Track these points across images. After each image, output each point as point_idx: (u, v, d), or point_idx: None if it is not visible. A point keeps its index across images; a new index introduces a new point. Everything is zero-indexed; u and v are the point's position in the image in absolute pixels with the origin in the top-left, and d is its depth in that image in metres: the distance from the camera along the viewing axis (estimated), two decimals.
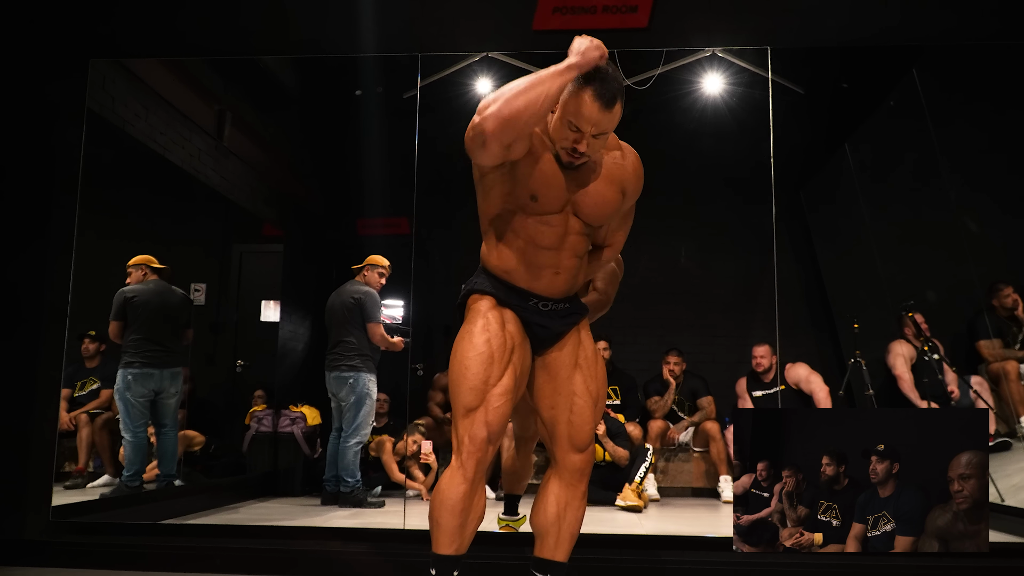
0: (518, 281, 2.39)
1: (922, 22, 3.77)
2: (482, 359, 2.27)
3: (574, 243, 2.37)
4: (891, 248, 6.02)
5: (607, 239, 2.56)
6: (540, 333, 2.41)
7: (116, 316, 4.83)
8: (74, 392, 5.22)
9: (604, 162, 2.37)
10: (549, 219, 2.31)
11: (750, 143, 5.81)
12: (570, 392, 2.39)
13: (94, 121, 4.02)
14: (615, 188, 2.37)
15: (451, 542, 2.30)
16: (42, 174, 3.89)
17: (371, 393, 5.32)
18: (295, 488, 5.92)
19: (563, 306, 2.44)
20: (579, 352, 2.44)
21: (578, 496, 2.39)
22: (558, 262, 2.36)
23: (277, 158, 6.56)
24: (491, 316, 2.35)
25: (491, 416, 2.25)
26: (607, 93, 2.15)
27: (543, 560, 2.40)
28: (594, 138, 2.21)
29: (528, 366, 2.41)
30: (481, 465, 2.27)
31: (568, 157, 2.25)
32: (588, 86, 2.14)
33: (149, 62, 4.72)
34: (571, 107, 2.17)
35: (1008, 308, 5.24)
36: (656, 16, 3.80)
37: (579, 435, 2.38)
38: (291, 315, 6.44)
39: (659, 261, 6.92)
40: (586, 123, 2.17)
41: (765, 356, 6.01)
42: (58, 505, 3.77)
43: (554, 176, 2.29)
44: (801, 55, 5.02)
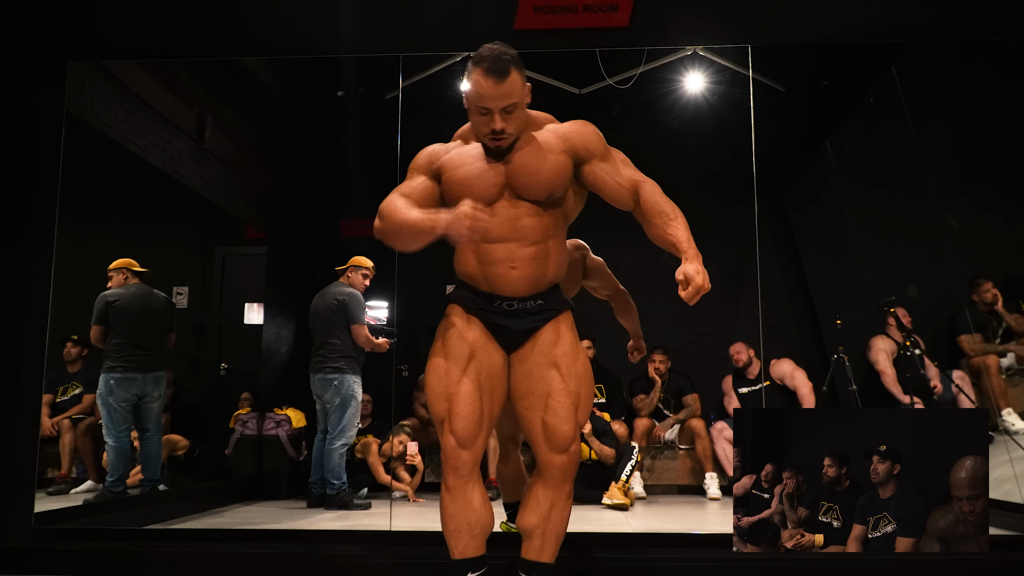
0: (479, 284, 2.40)
1: (901, 19, 3.79)
2: (440, 372, 2.36)
3: (527, 229, 2.34)
4: (872, 244, 6.07)
5: (621, 186, 2.44)
6: (504, 334, 2.40)
7: (98, 320, 4.79)
8: (56, 397, 5.18)
9: (537, 137, 2.39)
10: (491, 209, 2.32)
11: (731, 141, 5.86)
12: (544, 392, 2.34)
13: (73, 124, 3.98)
14: (552, 155, 2.36)
15: (455, 546, 2.37)
16: (21, 177, 3.84)
17: (356, 395, 5.30)
18: (280, 491, 5.90)
19: (533, 303, 2.39)
20: (556, 349, 2.38)
21: (563, 497, 2.36)
22: (512, 255, 2.33)
23: (259, 160, 6.53)
24: (453, 330, 2.40)
25: (456, 425, 2.31)
26: (495, 66, 2.22)
27: (529, 562, 2.38)
28: (506, 113, 2.26)
29: (497, 368, 2.39)
30: (458, 472, 2.33)
31: (493, 142, 2.31)
32: (477, 68, 2.25)
33: (129, 64, 4.68)
34: (472, 94, 2.28)
35: (988, 303, 5.28)
36: (637, 15, 3.80)
37: (556, 435, 2.33)
38: (275, 317, 6.41)
39: (642, 259, 6.92)
40: (488, 100, 2.25)
41: (741, 351, 6.06)
42: (41, 511, 3.73)
43: (481, 168, 2.34)
44: (782, 53, 5.05)
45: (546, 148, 2.36)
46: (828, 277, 6.77)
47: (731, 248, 6.53)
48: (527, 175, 2.33)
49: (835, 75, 5.96)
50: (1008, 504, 3.96)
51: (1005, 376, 5.09)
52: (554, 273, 2.42)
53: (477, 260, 2.37)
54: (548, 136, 2.40)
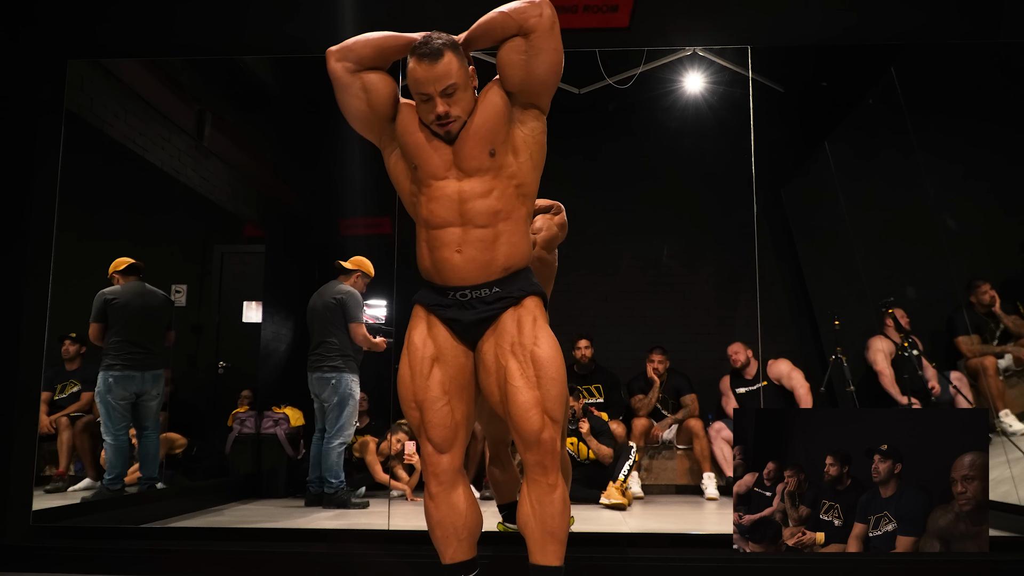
0: (433, 277, 2.37)
1: (900, 20, 3.80)
2: (406, 381, 2.35)
3: (474, 212, 2.28)
4: (871, 245, 6.08)
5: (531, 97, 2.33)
6: (457, 328, 2.35)
7: (97, 318, 4.78)
8: (54, 395, 5.18)
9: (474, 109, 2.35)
10: (437, 190, 2.31)
11: (731, 141, 5.86)
12: (504, 382, 2.25)
13: (73, 122, 3.98)
14: (490, 103, 2.32)
15: (444, 552, 2.35)
16: (21, 175, 3.85)
17: (354, 394, 5.30)
18: (279, 490, 5.91)
19: (488, 292, 2.32)
20: (513, 338, 2.27)
21: (548, 490, 2.22)
22: (459, 239, 2.28)
23: (258, 158, 6.53)
24: (415, 333, 2.38)
25: (430, 431, 2.30)
26: (428, 51, 2.24)
27: (534, 566, 2.24)
28: (448, 96, 2.25)
29: (462, 366, 2.36)
30: (440, 478, 2.31)
31: (441, 127, 2.29)
32: (411, 57, 2.27)
33: (128, 62, 4.68)
34: (410, 82, 2.29)
35: (986, 304, 5.30)
36: (637, 15, 3.81)
37: (522, 428, 2.20)
38: (273, 316, 6.41)
39: (641, 259, 6.94)
40: (424, 84, 2.25)
41: (739, 352, 6.06)
42: (39, 509, 3.73)
43: (430, 138, 2.32)
44: (781, 54, 5.05)
45: (483, 105, 2.33)
46: (826, 277, 6.78)
47: (730, 248, 6.55)
48: (475, 135, 2.29)
49: (834, 76, 5.97)
50: (1006, 505, 3.96)
51: (1002, 377, 5.10)
52: (507, 257, 2.32)
53: (428, 248, 2.36)
54: (481, 98, 2.36)
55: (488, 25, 2.30)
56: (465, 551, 2.34)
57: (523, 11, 2.24)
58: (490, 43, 2.34)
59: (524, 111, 2.34)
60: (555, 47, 2.27)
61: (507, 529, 3.49)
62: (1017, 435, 4.71)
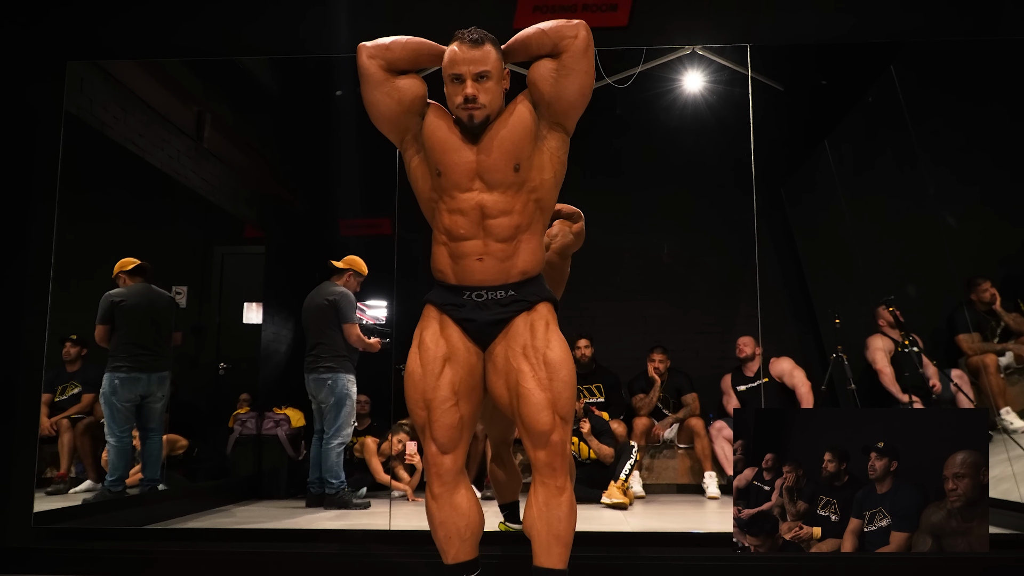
0: (449, 278, 2.39)
1: (900, 18, 3.80)
2: (415, 379, 2.34)
3: (497, 228, 2.32)
4: (871, 243, 6.07)
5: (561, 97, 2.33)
6: (472, 328, 2.36)
7: (103, 320, 4.77)
8: (55, 397, 5.17)
9: (502, 115, 2.37)
10: (460, 202, 2.32)
11: (730, 140, 5.86)
12: (516, 384, 2.28)
13: (72, 123, 3.98)
14: (517, 116, 2.34)
15: (447, 552, 2.35)
16: (21, 177, 3.85)
17: (350, 393, 5.30)
18: (280, 491, 5.91)
19: (504, 294, 2.36)
20: (526, 340, 2.31)
21: (556, 493, 2.25)
22: (481, 249, 2.33)
23: (257, 159, 6.53)
24: (427, 332, 2.39)
25: (436, 432, 2.30)
26: (472, 36, 2.29)
27: (538, 568, 2.25)
28: (480, 81, 2.29)
29: (473, 367, 2.37)
30: (443, 478, 2.32)
31: (465, 111, 2.30)
32: (454, 41, 2.31)
33: (127, 64, 4.68)
34: (447, 64, 2.33)
35: (986, 302, 5.29)
36: (636, 14, 3.81)
37: (532, 429, 2.25)
38: (274, 317, 6.41)
39: (642, 258, 6.93)
40: (460, 64, 2.29)
41: (748, 345, 6.07)
42: (40, 511, 3.73)
43: (456, 144, 2.33)
44: (781, 52, 5.05)
45: (511, 115, 2.35)
46: (827, 275, 6.77)
47: (730, 247, 6.55)
48: (500, 146, 2.32)
49: (834, 74, 5.95)
50: (1006, 503, 3.96)
51: (1003, 375, 5.09)
52: (525, 264, 2.37)
53: (448, 255, 2.38)
54: (511, 107, 2.38)
55: (526, 40, 2.35)
56: (468, 551, 2.35)
57: (560, 31, 2.30)
58: (525, 57, 2.39)
59: (550, 130, 2.38)
60: (587, 70, 2.31)
61: (508, 529, 3.49)
62: (1018, 432, 4.71)
